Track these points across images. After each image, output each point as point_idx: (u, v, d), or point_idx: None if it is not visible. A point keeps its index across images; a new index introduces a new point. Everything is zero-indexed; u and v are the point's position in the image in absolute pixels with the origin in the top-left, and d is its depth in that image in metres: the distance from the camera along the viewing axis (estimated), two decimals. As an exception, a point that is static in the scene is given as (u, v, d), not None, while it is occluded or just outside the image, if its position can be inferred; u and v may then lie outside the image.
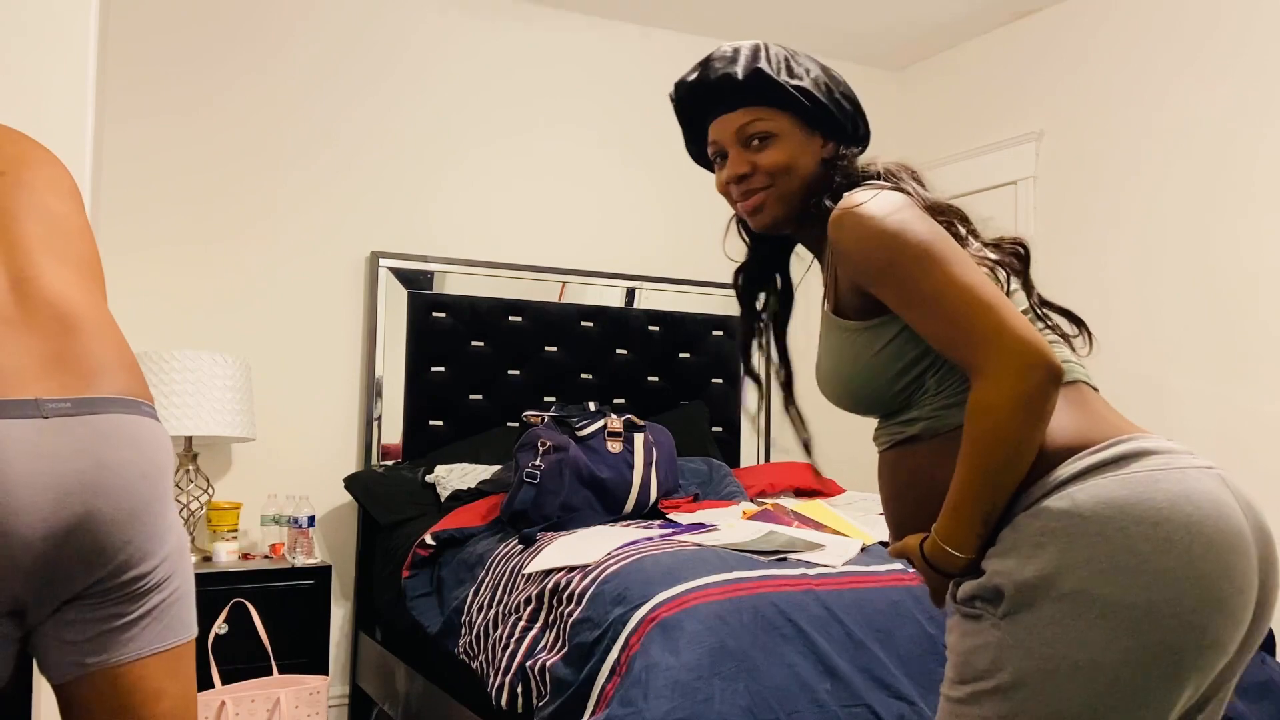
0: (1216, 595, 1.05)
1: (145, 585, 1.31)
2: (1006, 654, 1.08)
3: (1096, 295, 3.82)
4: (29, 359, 1.27)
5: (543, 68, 4.08)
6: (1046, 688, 1.06)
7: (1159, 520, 1.05)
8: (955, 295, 1.13)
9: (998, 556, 1.12)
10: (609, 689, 1.88)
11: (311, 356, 3.66)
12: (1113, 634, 1.04)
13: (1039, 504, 1.11)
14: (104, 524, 1.25)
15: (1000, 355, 1.09)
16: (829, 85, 1.35)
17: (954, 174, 4.40)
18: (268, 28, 3.67)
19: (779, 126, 1.33)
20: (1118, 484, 1.08)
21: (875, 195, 1.21)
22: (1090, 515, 1.07)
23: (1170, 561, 1.04)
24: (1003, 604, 1.10)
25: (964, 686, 1.13)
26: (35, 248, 1.37)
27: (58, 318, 1.33)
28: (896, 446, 1.27)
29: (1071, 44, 3.98)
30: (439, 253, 3.83)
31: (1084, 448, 1.12)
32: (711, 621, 1.92)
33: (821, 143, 1.35)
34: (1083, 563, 1.06)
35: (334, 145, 3.74)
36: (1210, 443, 3.40)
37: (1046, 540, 1.08)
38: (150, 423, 1.35)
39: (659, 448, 3.11)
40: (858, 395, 1.28)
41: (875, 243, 1.17)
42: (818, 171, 1.34)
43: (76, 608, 1.28)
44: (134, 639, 1.31)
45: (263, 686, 2.94)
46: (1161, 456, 1.11)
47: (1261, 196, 3.33)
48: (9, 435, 1.19)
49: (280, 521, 3.38)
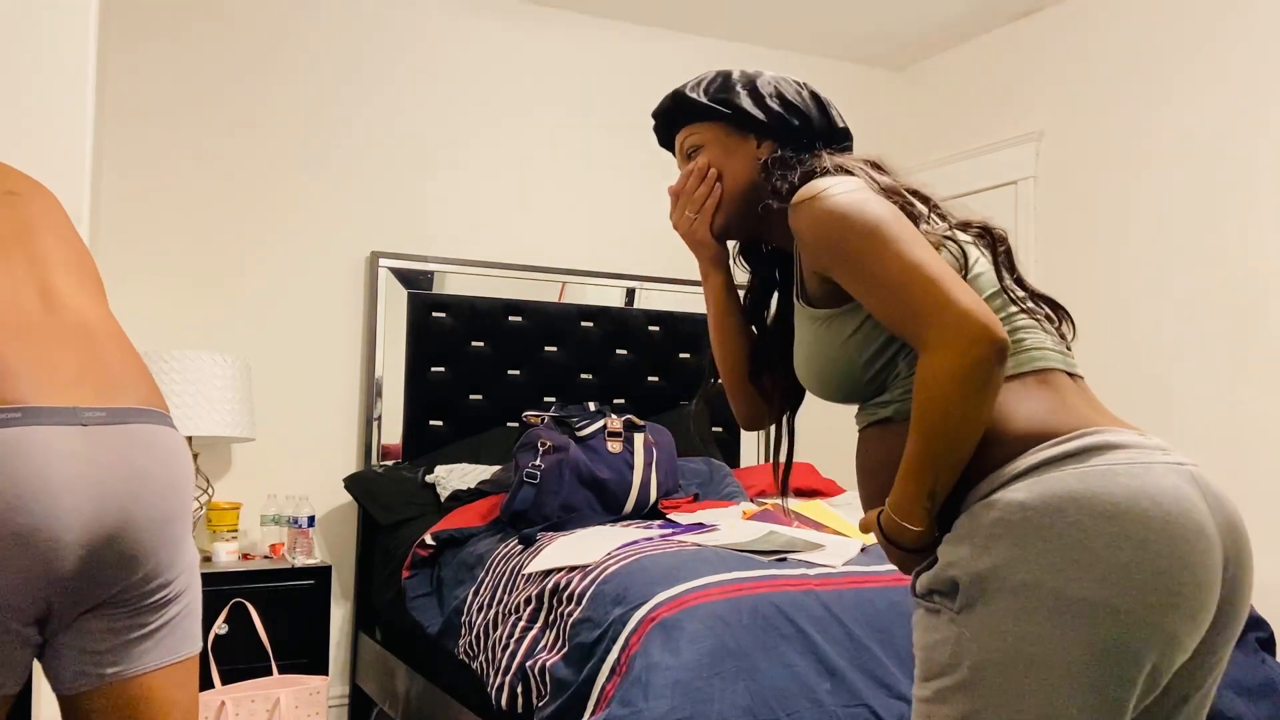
0: (1172, 591, 1.05)
1: (167, 596, 1.33)
2: (965, 648, 1.09)
3: (1097, 295, 3.82)
4: (63, 367, 1.29)
5: (543, 68, 4.08)
6: (1004, 682, 1.06)
7: (1114, 515, 1.05)
8: (900, 271, 1.14)
9: (952, 545, 1.13)
10: (609, 689, 1.88)
11: (311, 356, 3.66)
12: (1066, 628, 1.04)
13: (996, 493, 1.11)
14: (137, 532, 1.27)
15: (942, 329, 1.10)
16: (770, 93, 1.40)
17: (954, 174, 4.40)
18: (269, 29, 3.67)
19: (706, 136, 1.41)
20: (1075, 478, 1.08)
21: (832, 181, 1.25)
22: (1044, 509, 1.07)
23: (1125, 557, 1.04)
24: (958, 597, 1.10)
25: (930, 684, 1.13)
26: (54, 262, 1.41)
27: (81, 329, 1.35)
28: (871, 426, 1.28)
29: (1071, 44, 3.98)
30: (439, 253, 3.83)
31: (1048, 438, 1.12)
32: (711, 621, 1.92)
33: (755, 144, 1.40)
34: (1035, 556, 1.06)
35: (334, 145, 3.74)
36: (1215, 442, 3.41)
37: (1001, 532, 1.08)
38: (175, 434, 1.38)
39: (659, 448, 3.11)
40: (833, 383, 1.29)
41: (826, 225, 1.20)
42: (754, 173, 1.38)
43: (97, 617, 1.29)
44: (151, 650, 1.33)
45: (263, 687, 2.94)
46: (1125, 451, 1.10)
47: (1262, 195, 3.32)
48: (51, 441, 1.21)
49: (280, 521, 3.38)
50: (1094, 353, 3.83)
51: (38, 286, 1.36)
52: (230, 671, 2.98)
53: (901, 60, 4.70)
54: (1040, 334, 1.25)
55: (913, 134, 4.63)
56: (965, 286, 1.14)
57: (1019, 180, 4.14)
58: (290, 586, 3.21)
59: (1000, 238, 1.30)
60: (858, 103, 5.08)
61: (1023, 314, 1.25)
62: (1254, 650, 2.48)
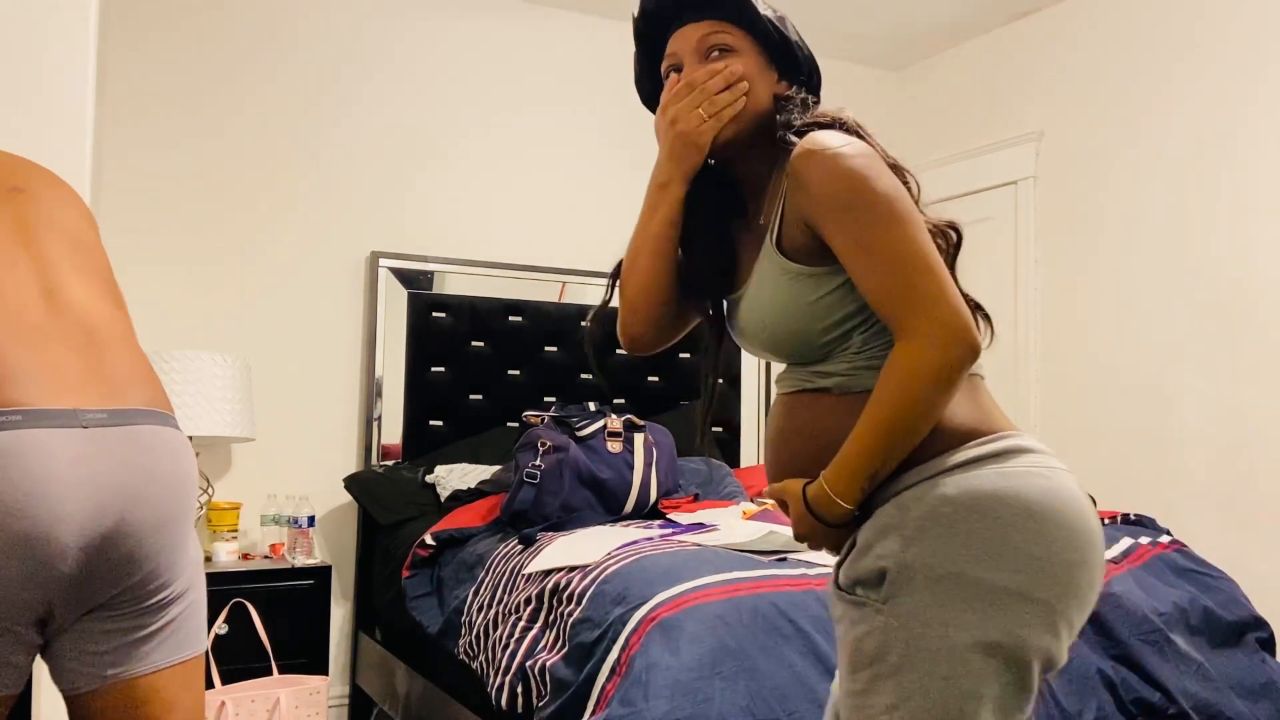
0: (1076, 584, 1.14)
1: (168, 597, 1.33)
2: (892, 637, 1.12)
3: (1096, 295, 3.82)
4: (65, 369, 1.29)
5: (543, 67, 4.08)
6: (931, 667, 1.10)
7: (1032, 513, 1.12)
8: (906, 252, 1.15)
9: (879, 535, 1.16)
10: (609, 689, 1.88)
11: (311, 356, 3.66)
12: (986, 614, 1.10)
13: (924, 485, 1.15)
14: (137, 533, 1.27)
15: (931, 322, 1.13)
16: (794, 30, 1.36)
17: (954, 174, 4.40)
18: (268, 28, 3.67)
19: (741, 45, 1.32)
20: (998, 476, 1.14)
21: (848, 141, 1.21)
22: (970, 504, 1.13)
23: (1040, 550, 1.12)
24: (884, 587, 1.14)
25: (860, 675, 1.15)
26: (59, 261, 1.40)
27: (84, 330, 1.35)
28: (804, 393, 1.28)
29: (1071, 44, 3.98)
30: (439, 253, 3.82)
31: (972, 438, 1.18)
32: (711, 621, 1.92)
33: (777, 78, 1.35)
34: (960, 548, 1.11)
35: (334, 145, 3.74)
36: (1215, 442, 3.41)
37: (928, 525, 1.13)
38: (178, 434, 1.37)
39: (659, 448, 3.11)
40: (780, 338, 1.28)
41: (841, 183, 1.17)
42: (770, 104, 1.33)
43: (99, 618, 1.29)
44: (153, 651, 1.33)
45: (263, 687, 2.94)
46: (1036, 455, 1.18)
47: (1262, 195, 3.32)
48: (50, 444, 1.21)
49: (280, 521, 3.38)
50: (1094, 352, 3.83)
51: (42, 286, 1.35)
52: (230, 671, 2.98)
53: (901, 60, 4.70)
54: None
55: (912, 134, 4.63)
56: (954, 285, 1.17)
57: (1019, 180, 4.14)
58: (290, 586, 3.21)
59: (960, 238, 1.32)
60: (858, 103, 5.05)
61: None
62: (1254, 650, 2.48)
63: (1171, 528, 2.95)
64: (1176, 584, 2.52)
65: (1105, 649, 2.22)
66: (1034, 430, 4.01)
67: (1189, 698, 2.20)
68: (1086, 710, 2.09)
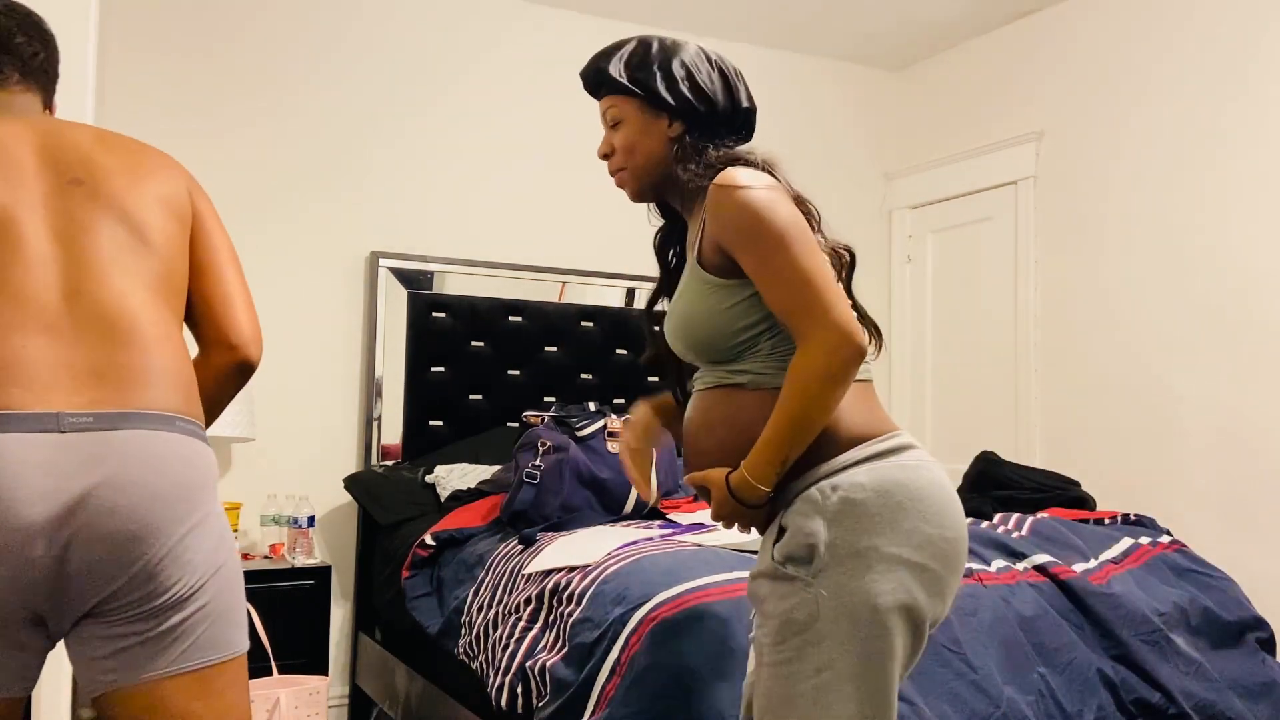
0: (956, 555, 1.39)
1: (164, 604, 1.28)
2: (822, 605, 1.32)
3: (1096, 295, 3.82)
4: (63, 371, 1.27)
5: (543, 68, 4.08)
6: (852, 628, 1.31)
7: (923, 497, 1.37)
8: (800, 273, 1.37)
9: (805, 518, 1.36)
10: (609, 689, 1.89)
11: (311, 356, 3.66)
12: (894, 581, 1.33)
13: (839, 475, 1.37)
14: (107, 544, 1.23)
15: (824, 330, 1.35)
16: (682, 76, 1.55)
17: (954, 174, 4.40)
18: (268, 29, 3.67)
19: (625, 113, 1.59)
20: (897, 468, 1.38)
21: (755, 177, 1.43)
22: (879, 490, 1.36)
23: (931, 529, 1.36)
24: (814, 562, 1.34)
25: (788, 645, 1.34)
26: (102, 260, 1.35)
27: (109, 330, 1.31)
28: (720, 389, 1.49)
29: (1071, 44, 3.98)
30: (439, 253, 3.83)
31: (871, 437, 1.41)
32: (712, 621, 1.92)
33: (668, 123, 1.56)
34: (872, 526, 1.34)
35: (334, 145, 3.74)
36: (1215, 442, 3.41)
37: (847, 509, 1.35)
38: (180, 439, 1.32)
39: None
40: (698, 339, 1.49)
41: (746, 217, 1.40)
42: (665, 149, 1.56)
43: (95, 624, 1.28)
44: (155, 658, 1.29)
45: (263, 687, 2.94)
46: (919, 451, 1.43)
47: (1263, 195, 3.33)
48: (17, 450, 1.20)
49: (280, 521, 3.38)
50: (1094, 352, 3.83)
51: (68, 288, 1.32)
52: (230, 671, 2.97)
53: (901, 60, 4.70)
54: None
55: (912, 134, 4.63)
56: (844, 297, 1.39)
57: (1019, 180, 4.14)
58: (290, 586, 3.21)
59: (853, 259, 1.56)
60: (858, 103, 5.09)
61: None
62: (1254, 650, 2.48)
63: (1171, 528, 2.95)
64: (1176, 584, 2.52)
65: (1105, 649, 2.22)
66: (1034, 430, 4.02)
67: (1189, 698, 2.20)
68: (1086, 710, 2.09)
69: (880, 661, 1.32)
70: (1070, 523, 2.72)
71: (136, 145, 1.49)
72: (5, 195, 1.33)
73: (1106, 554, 2.54)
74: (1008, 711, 1.96)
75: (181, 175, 1.52)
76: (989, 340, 4.23)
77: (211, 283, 1.51)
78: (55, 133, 1.42)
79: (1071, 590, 2.29)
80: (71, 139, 1.42)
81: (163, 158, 1.51)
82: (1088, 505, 3.14)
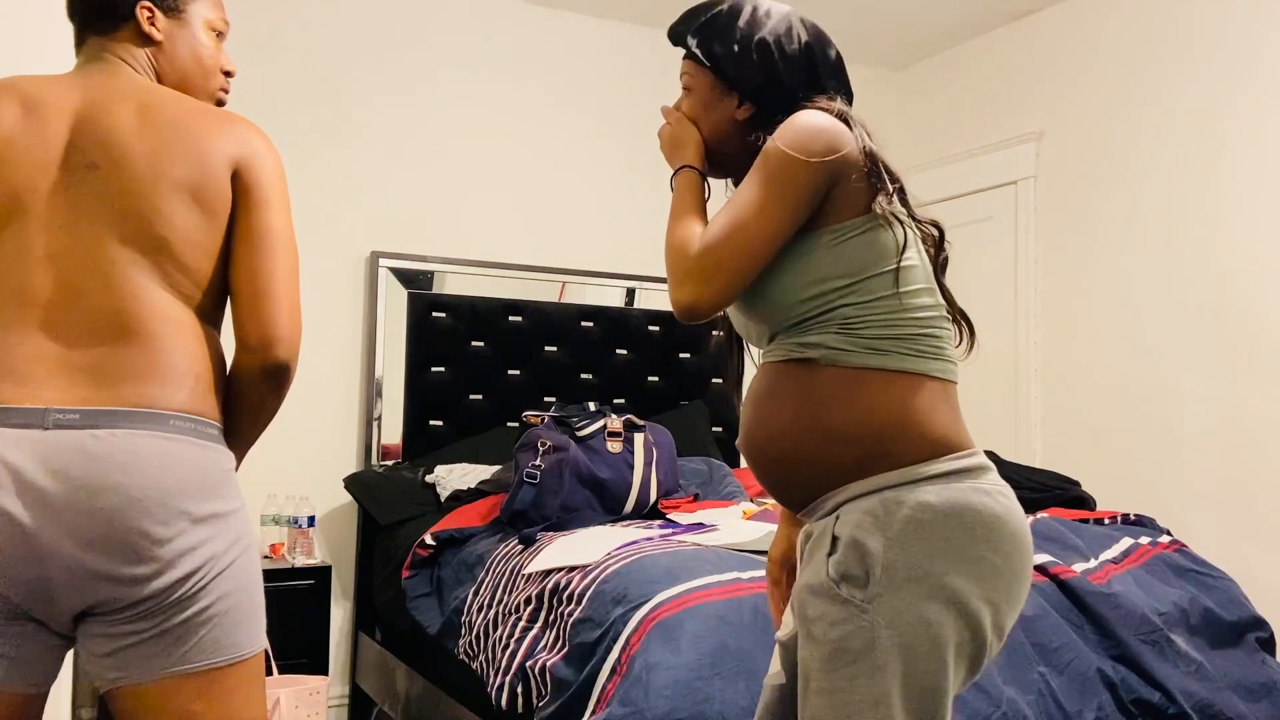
0: (1018, 594, 1.28)
1: (158, 604, 1.25)
2: (879, 634, 1.21)
3: (1096, 294, 3.82)
4: (59, 368, 1.25)
5: (544, 68, 4.08)
6: (910, 659, 1.21)
7: (995, 526, 1.25)
8: (736, 208, 1.28)
9: (867, 534, 1.24)
10: (609, 689, 1.88)
11: (311, 356, 3.63)
12: (955, 612, 1.22)
13: (904, 491, 1.25)
14: (82, 548, 1.21)
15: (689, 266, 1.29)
16: (763, 55, 1.41)
17: (954, 174, 4.40)
18: (268, 29, 3.66)
19: (695, 83, 1.46)
20: (972, 491, 1.26)
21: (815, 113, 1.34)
22: (948, 513, 1.24)
23: (998, 561, 1.25)
24: (870, 586, 1.23)
25: (841, 674, 1.23)
26: (107, 256, 1.31)
27: (110, 328, 1.28)
28: (789, 363, 1.34)
29: (1071, 44, 3.98)
30: (439, 252, 3.82)
31: (952, 450, 1.28)
32: (712, 621, 1.92)
33: (737, 104, 1.43)
34: (937, 552, 1.23)
35: (334, 145, 3.74)
36: (1215, 442, 3.41)
37: (912, 530, 1.23)
38: (167, 440, 1.27)
39: (659, 448, 3.11)
40: (765, 296, 1.34)
41: (774, 139, 1.31)
42: (729, 129, 1.44)
43: (96, 622, 1.27)
44: (155, 657, 1.27)
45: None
46: (995, 475, 1.31)
47: (1262, 195, 3.33)
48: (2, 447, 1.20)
49: (280, 521, 3.38)
50: (1094, 352, 3.83)
51: (70, 283, 1.29)
52: (230, 671, 2.97)
53: (901, 60, 4.70)
54: (946, 343, 1.36)
55: (912, 134, 4.63)
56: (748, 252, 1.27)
57: (1019, 180, 4.14)
58: (290, 586, 3.21)
59: (942, 235, 1.43)
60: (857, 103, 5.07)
61: (945, 319, 1.36)
62: (1254, 650, 2.48)
63: (1171, 528, 2.95)
64: (1176, 584, 2.52)
65: (1105, 649, 2.22)
66: (1034, 430, 4.02)
67: (1189, 697, 2.20)
68: (1086, 710, 2.09)
69: (936, 697, 1.23)
70: (1070, 522, 2.72)
71: (184, 119, 1.38)
72: (21, 179, 1.31)
73: (1106, 554, 2.54)
74: (1008, 711, 1.96)
75: (230, 150, 1.39)
76: (989, 340, 4.21)
77: (239, 275, 1.41)
78: (99, 104, 1.36)
79: (1071, 590, 2.29)
80: (110, 115, 1.35)
81: (213, 129, 1.40)
82: (1088, 505, 3.14)
